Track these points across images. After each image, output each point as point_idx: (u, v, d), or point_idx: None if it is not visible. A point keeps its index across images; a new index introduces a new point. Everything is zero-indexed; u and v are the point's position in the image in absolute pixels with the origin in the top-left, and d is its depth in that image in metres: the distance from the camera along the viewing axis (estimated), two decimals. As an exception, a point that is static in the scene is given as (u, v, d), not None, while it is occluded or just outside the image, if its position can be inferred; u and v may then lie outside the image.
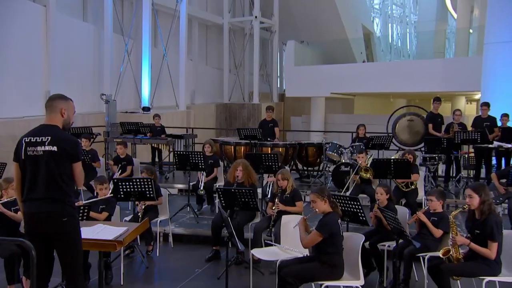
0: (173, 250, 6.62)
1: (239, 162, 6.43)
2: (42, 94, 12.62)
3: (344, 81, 18.86)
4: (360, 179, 7.41)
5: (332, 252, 4.30)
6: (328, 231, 4.25)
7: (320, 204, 4.38)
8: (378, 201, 5.64)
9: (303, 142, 10.14)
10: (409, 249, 5.07)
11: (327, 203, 4.38)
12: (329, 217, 4.35)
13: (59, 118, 3.64)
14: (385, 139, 9.40)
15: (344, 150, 9.24)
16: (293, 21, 22.83)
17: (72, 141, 3.59)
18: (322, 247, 4.31)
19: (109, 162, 8.06)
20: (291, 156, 9.89)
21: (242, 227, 6.03)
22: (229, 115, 20.86)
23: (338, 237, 4.30)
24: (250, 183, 6.31)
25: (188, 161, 7.48)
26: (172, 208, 7.78)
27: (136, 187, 5.79)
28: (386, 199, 5.64)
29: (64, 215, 3.50)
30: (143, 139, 10.13)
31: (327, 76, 19.30)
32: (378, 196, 5.62)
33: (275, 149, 9.54)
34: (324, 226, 4.27)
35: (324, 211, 4.40)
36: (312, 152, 10.05)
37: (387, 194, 5.62)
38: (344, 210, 5.20)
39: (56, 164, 3.50)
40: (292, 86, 20.15)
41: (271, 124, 10.21)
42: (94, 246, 3.62)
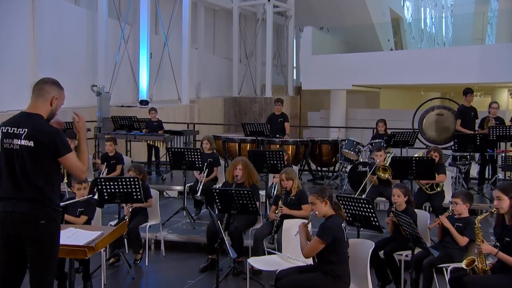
0: (165, 259, 6.57)
1: (238, 160, 6.36)
2: (28, 86, 12.57)
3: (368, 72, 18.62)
4: (378, 180, 7.28)
5: (335, 261, 4.20)
6: (330, 236, 4.15)
7: (320, 206, 4.29)
8: (395, 204, 5.52)
9: (316, 139, 10.04)
10: (429, 259, 4.94)
11: (328, 204, 4.30)
12: (331, 220, 4.26)
13: (47, 107, 3.50)
14: (410, 135, 9.23)
15: (362, 148, 9.11)
16: (310, 4, 22.68)
17: (52, 133, 3.40)
18: (324, 255, 4.22)
19: (96, 161, 8.03)
20: (302, 154, 9.80)
21: (241, 233, 5.97)
22: (239, 110, 20.83)
23: (342, 243, 4.20)
24: (251, 184, 6.23)
25: (183, 159, 7.41)
26: (167, 212, 7.75)
27: (122, 187, 5.74)
28: (405, 202, 5.51)
29: (42, 217, 3.36)
30: (137, 136, 10.13)
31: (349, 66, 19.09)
32: (395, 198, 5.50)
33: (284, 146, 9.44)
34: (325, 231, 4.17)
35: (326, 214, 4.32)
36: (327, 151, 9.95)
37: (405, 196, 5.50)
38: (354, 213, 5.10)
39: (34, 161, 3.37)
40: (309, 78, 19.97)
41: (281, 119, 10.12)
42: (62, 252, 3.56)
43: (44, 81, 3.57)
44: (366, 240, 4.51)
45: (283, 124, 10.07)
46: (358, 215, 5.09)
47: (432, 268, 4.98)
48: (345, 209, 5.11)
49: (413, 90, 24.03)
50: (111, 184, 5.73)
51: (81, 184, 5.46)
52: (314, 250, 4.22)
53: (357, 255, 4.39)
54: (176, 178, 10.31)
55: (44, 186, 3.41)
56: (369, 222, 5.06)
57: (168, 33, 16.31)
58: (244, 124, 9.67)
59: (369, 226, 5.11)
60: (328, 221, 4.28)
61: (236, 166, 6.26)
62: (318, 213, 4.30)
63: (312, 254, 4.25)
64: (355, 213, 5.10)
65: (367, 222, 5.08)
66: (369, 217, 5.03)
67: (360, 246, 4.42)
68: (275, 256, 5.13)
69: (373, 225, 5.05)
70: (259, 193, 6.29)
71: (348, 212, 5.13)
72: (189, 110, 15.90)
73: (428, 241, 5.50)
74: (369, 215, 5.02)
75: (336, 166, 10.01)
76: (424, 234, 5.49)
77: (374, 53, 20.06)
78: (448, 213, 5.19)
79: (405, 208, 5.49)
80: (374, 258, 5.40)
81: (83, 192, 5.46)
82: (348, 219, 5.17)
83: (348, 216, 5.15)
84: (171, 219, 7.60)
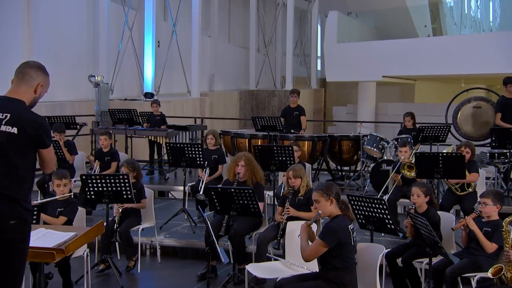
0: (160, 266, 6.56)
1: (240, 155, 6.30)
2: (23, 78, 12.80)
3: (402, 61, 18.38)
4: (402, 179, 7.15)
5: (340, 267, 4.13)
6: (334, 239, 4.08)
7: (324, 205, 4.20)
8: (415, 205, 5.43)
9: (336, 135, 9.92)
10: (452, 268, 4.86)
11: (333, 203, 4.21)
12: (336, 221, 4.18)
13: (30, 94, 3.42)
14: (440, 130, 9.05)
15: (386, 144, 8.96)
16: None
17: (38, 122, 3.35)
18: (328, 260, 4.16)
19: (89, 157, 8.04)
20: (319, 152, 9.68)
21: (242, 237, 5.92)
22: (256, 105, 20.79)
23: (348, 247, 4.13)
24: (254, 182, 6.16)
25: (183, 155, 7.38)
26: (168, 214, 7.72)
27: (110, 185, 5.71)
28: (426, 202, 5.40)
29: (13, 217, 3.26)
30: (137, 131, 10.13)
31: (379, 55, 18.86)
32: (414, 198, 5.42)
33: (299, 142, 9.34)
34: (329, 233, 4.10)
35: (331, 214, 4.23)
36: (347, 147, 9.82)
37: (426, 196, 5.39)
38: (367, 215, 5.00)
39: (15, 151, 3.27)
40: (334, 69, 19.81)
41: (297, 112, 10.03)
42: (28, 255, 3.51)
43: (29, 65, 3.47)
44: (375, 244, 4.44)
45: (299, 118, 9.98)
46: (371, 217, 4.98)
47: (457, 277, 4.89)
48: (357, 210, 5.04)
49: (452, 81, 23.63)
50: (98, 182, 5.71)
51: (61, 180, 5.42)
52: (315, 254, 4.15)
53: (366, 261, 4.32)
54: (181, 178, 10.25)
55: (24, 181, 3.32)
56: (384, 225, 4.94)
57: (177, 19, 16.32)
58: (254, 118, 9.60)
59: (383, 229, 5.03)
60: (332, 222, 4.19)
61: (238, 163, 6.20)
62: (321, 212, 4.22)
63: (313, 257, 4.18)
64: (368, 215, 5.00)
65: (381, 224, 4.97)
66: (383, 219, 4.91)
67: (369, 251, 4.36)
68: (278, 263, 5.09)
69: (388, 228, 4.94)
70: (263, 193, 6.21)
71: (360, 213, 5.04)
72: (199, 104, 15.89)
73: (453, 246, 5.40)
74: (383, 216, 4.90)
75: (358, 165, 9.83)
76: (449, 239, 5.39)
77: (408, 40, 19.78)
78: (476, 214, 5.05)
79: (426, 210, 5.40)
80: (391, 266, 5.38)
81: (63, 190, 5.42)
82: (361, 222, 5.09)
83: (360, 218, 5.07)
84: (171, 222, 7.57)
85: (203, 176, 7.61)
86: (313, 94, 22.08)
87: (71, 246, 3.68)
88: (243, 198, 5.47)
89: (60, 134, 8.05)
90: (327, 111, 23.24)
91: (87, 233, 3.86)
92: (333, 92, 24.79)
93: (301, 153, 8.59)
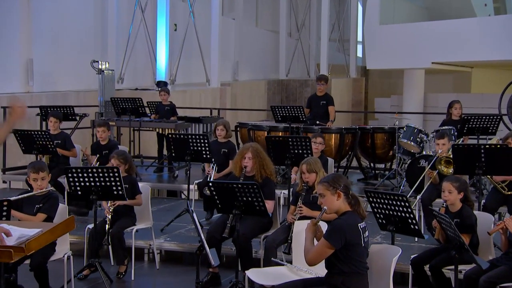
0: (158, 273, 6.54)
1: (247, 147, 6.23)
2: (21, 65, 13.03)
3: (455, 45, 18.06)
4: (438, 176, 6.97)
5: (348, 272, 4.05)
6: (341, 239, 4.00)
7: (331, 200, 4.12)
8: (446, 202, 5.32)
9: (368, 127, 9.78)
10: (487, 276, 4.75)
11: (341, 197, 4.11)
12: (344, 219, 4.10)
13: None
14: (490, 121, 8.81)
15: (425, 137, 8.78)
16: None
17: None
18: (335, 264, 4.09)
19: (85, 151, 8.09)
20: (349, 146, 9.57)
21: (248, 240, 5.84)
22: (286, 96, 20.75)
23: (357, 249, 4.05)
24: (263, 178, 6.08)
25: (187, 148, 7.34)
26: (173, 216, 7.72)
27: (98, 179, 5.70)
28: (460, 200, 5.25)
29: None
30: (143, 122, 10.14)
31: (429, 38, 18.61)
32: (445, 195, 5.33)
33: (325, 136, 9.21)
34: (334, 233, 4.02)
35: (338, 210, 4.15)
36: (381, 141, 9.69)
37: (460, 193, 5.27)
38: (388, 214, 4.88)
39: None
40: (377, 55, 19.62)
41: (324, 101, 9.95)
42: (-18, 255, 3.49)
43: None
44: (391, 246, 4.37)
45: (327, 108, 9.89)
46: (392, 216, 4.86)
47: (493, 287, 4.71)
48: (376, 208, 4.93)
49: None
50: (85, 176, 5.69)
51: (37, 173, 5.41)
52: (319, 256, 4.07)
53: (380, 266, 4.24)
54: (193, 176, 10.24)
55: None
56: (406, 225, 4.81)
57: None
58: (274, 108, 9.53)
59: (406, 230, 4.88)
60: (340, 220, 4.11)
61: (244, 155, 6.12)
62: (327, 208, 4.14)
63: (317, 261, 4.10)
64: (389, 213, 4.87)
65: (404, 225, 4.84)
66: (406, 218, 4.78)
67: (383, 253, 4.27)
68: (283, 268, 5.01)
69: (412, 229, 4.80)
70: (274, 190, 6.14)
71: (380, 212, 4.93)
72: (219, 94, 15.89)
73: (491, 252, 5.29)
74: (406, 215, 4.77)
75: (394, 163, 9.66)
76: (486, 243, 5.23)
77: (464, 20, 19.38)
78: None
79: (460, 209, 5.32)
80: (418, 274, 5.32)
81: (40, 184, 5.42)
82: (381, 222, 4.97)
83: (380, 218, 4.96)
84: (174, 224, 7.57)
85: (210, 171, 7.56)
86: (352, 84, 21.93)
87: (33, 245, 3.63)
88: (247, 195, 5.37)
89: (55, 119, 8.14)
90: (369, 103, 23.02)
91: (53, 230, 3.82)
92: (377, 82, 24.54)
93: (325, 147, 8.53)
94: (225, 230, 5.80)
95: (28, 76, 13.11)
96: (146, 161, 11.16)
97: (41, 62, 13.28)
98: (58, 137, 8.23)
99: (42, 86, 13.32)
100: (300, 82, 20.96)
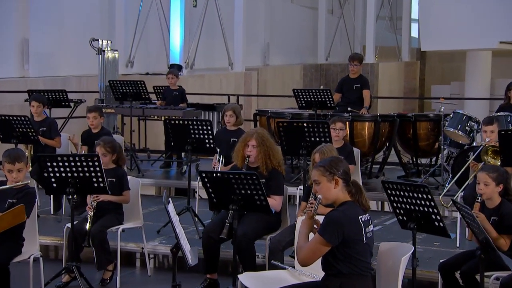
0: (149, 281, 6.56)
1: (251, 132, 6.21)
2: (16, 46, 13.20)
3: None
4: (484, 168, 6.83)
5: (348, 274, 4.04)
6: (338, 235, 3.98)
7: (327, 188, 4.10)
8: (481, 196, 5.27)
9: (409, 114, 9.68)
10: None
11: (339, 185, 4.08)
12: (342, 210, 4.08)
13: None
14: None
15: (476, 125, 8.60)
16: None
17: None
18: (332, 264, 4.08)
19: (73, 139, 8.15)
20: (386, 137, 9.50)
21: (251, 241, 5.86)
22: (326, 83, 20.70)
23: (358, 246, 4.03)
24: (270, 169, 6.04)
25: (187, 135, 7.35)
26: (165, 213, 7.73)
27: (75, 169, 5.70)
28: (499, 193, 5.24)
29: None
30: (146, 110, 10.18)
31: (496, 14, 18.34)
32: (480, 187, 5.30)
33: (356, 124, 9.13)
34: (329, 226, 4.00)
35: (336, 200, 4.13)
36: (425, 131, 9.61)
37: (499, 185, 5.24)
38: (409, 209, 4.83)
39: None
40: (433, 34, 19.37)
41: (357, 85, 9.90)
42: None
43: None
44: (401, 244, 4.38)
45: (361, 92, 9.83)
46: (413, 211, 4.81)
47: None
48: (395, 203, 4.90)
49: None
50: (60, 165, 5.70)
51: (13, 163, 5.43)
52: (313, 255, 4.06)
53: (389, 267, 4.23)
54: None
55: None
56: (431, 223, 4.76)
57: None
58: (296, 92, 9.50)
59: (429, 228, 4.83)
60: (336, 211, 4.10)
61: (248, 142, 6.09)
62: (322, 197, 4.13)
63: (311, 260, 4.08)
64: (410, 208, 4.83)
65: (427, 222, 4.79)
66: (429, 213, 4.72)
67: (393, 252, 4.28)
68: (283, 272, 5.02)
69: (436, 227, 4.74)
70: (283, 184, 6.13)
71: (400, 207, 4.90)
72: (243, 80, 15.88)
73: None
74: (429, 210, 4.71)
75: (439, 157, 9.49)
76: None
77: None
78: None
79: (499, 204, 5.25)
80: (448, 281, 5.29)
81: (16, 176, 5.44)
82: (401, 219, 4.93)
83: (400, 214, 4.92)
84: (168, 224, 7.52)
85: (216, 165, 7.53)
86: (404, 69, 21.76)
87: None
88: (245, 187, 5.37)
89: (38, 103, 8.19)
90: (426, 90, 22.79)
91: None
92: (435, 67, 24.27)
93: (358, 138, 8.45)
94: (223, 230, 5.76)
95: (24, 58, 13.27)
96: (154, 156, 11.20)
97: (39, 42, 13.42)
98: (42, 124, 8.27)
99: (39, 70, 13.48)
100: (342, 67, 20.75)
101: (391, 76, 21.31)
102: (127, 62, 15.18)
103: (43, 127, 8.22)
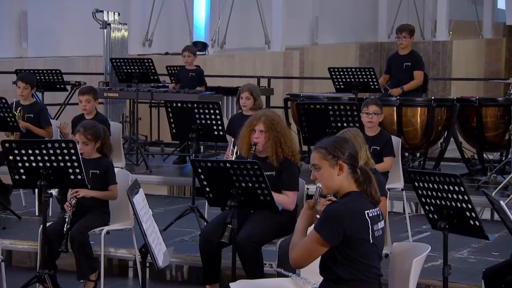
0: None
1: (258, 115, 6.19)
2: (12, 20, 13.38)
3: None
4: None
5: (350, 280, 4.05)
6: (338, 232, 3.96)
7: (328, 174, 4.06)
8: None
9: (473, 98, 9.65)
10: None
11: (344, 171, 4.03)
12: (344, 202, 4.07)
13: None
14: None
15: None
16: None
17: None
18: (330, 267, 4.09)
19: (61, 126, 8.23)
20: (442, 125, 9.48)
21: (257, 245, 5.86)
22: (388, 63, 20.65)
23: (362, 247, 4.02)
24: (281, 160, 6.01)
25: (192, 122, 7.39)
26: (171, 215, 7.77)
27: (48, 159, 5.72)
28: None
29: None
30: (155, 94, 10.27)
31: None
32: None
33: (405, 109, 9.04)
34: (327, 222, 3.97)
35: (340, 189, 4.11)
36: (492, 120, 9.62)
37: None
38: (439, 204, 4.84)
39: None
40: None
41: (408, 63, 9.92)
42: None
43: None
44: (418, 244, 4.40)
45: (411, 72, 9.80)
46: (445, 207, 4.84)
47: None
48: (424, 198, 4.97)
49: None
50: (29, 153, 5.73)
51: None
52: (307, 256, 4.05)
53: (401, 271, 4.24)
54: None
55: None
56: (465, 222, 4.75)
57: None
58: (333, 71, 9.53)
59: (463, 228, 4.85)
60: (337, 204, 4.08)
61: (254, 127, 6.08)
62: (323, 186, 4.08)
63: (304, 261, 4.08)
64: (441, 204, 4.85)
65: (461, 221, 4.79)
66: (463, 210, 4.70)
67: (407, 255, 4.25)
68: (286, 280, 4.97)
69: (471, 226, 4.75)
70: (297, 177, 6.12)
71: (430, 202, 4.95)
72: (282, 60, 15.88)
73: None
74: (463, 206, 4.72)
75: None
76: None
77: None
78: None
79: None
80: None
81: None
82: (432, 218, 4.96)
83: (429, 211, 4.97)
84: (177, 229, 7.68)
85: (229, 157, 7.54)
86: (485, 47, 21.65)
87: None
88: (245, 178, 5.41)
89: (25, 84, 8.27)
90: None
91: None
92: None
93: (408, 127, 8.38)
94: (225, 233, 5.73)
95: (21, 35, 13.49)
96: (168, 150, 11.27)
97: (39, 16, 13.64)
98: (30, 110, 8.36)
99: (40, 49, 13.71)
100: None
101: (469, 56, 21.12)
102: (144, 40, 15.32)
103: (30, 113, 8.30)
